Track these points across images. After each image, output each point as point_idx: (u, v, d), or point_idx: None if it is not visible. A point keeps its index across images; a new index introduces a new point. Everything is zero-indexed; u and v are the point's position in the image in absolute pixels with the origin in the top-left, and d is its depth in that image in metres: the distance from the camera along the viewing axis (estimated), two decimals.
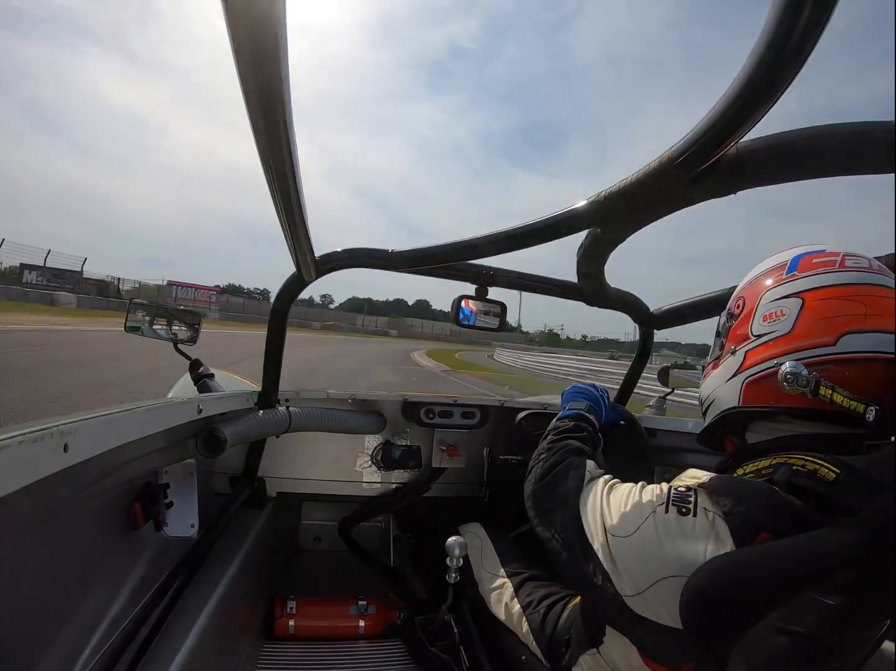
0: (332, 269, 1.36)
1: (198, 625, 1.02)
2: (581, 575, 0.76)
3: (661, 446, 1.85)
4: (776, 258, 0.86)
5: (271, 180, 0.74)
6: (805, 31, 0.44)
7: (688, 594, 0.63)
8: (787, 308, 0.78)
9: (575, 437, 1.02)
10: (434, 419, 2.01)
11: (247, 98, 0.55)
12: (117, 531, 1.02)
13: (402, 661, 1.62)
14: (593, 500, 0.79)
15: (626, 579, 0.70)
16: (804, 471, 0.66)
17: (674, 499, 0.70)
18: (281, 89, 0.53)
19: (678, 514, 0.68)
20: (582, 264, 1.25)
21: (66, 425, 0.58)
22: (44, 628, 0.78)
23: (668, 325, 1.77)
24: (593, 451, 1.01)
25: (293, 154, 0.68)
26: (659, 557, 0.67)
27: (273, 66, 0.50)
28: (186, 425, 1.05)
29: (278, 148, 0.65)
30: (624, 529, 0.72)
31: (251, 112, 0.57)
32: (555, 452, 0.96)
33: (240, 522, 1.58)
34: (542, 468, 0.94)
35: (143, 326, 1.70)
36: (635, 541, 0.70)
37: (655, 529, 0.68)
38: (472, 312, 1.56)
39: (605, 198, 0.88)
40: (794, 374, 0.72)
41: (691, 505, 0.68)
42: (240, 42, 0.47)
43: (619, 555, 0.71)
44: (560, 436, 1.03)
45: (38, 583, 0.77)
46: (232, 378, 2.61)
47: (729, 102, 0.57)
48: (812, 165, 0.71)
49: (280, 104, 0.56)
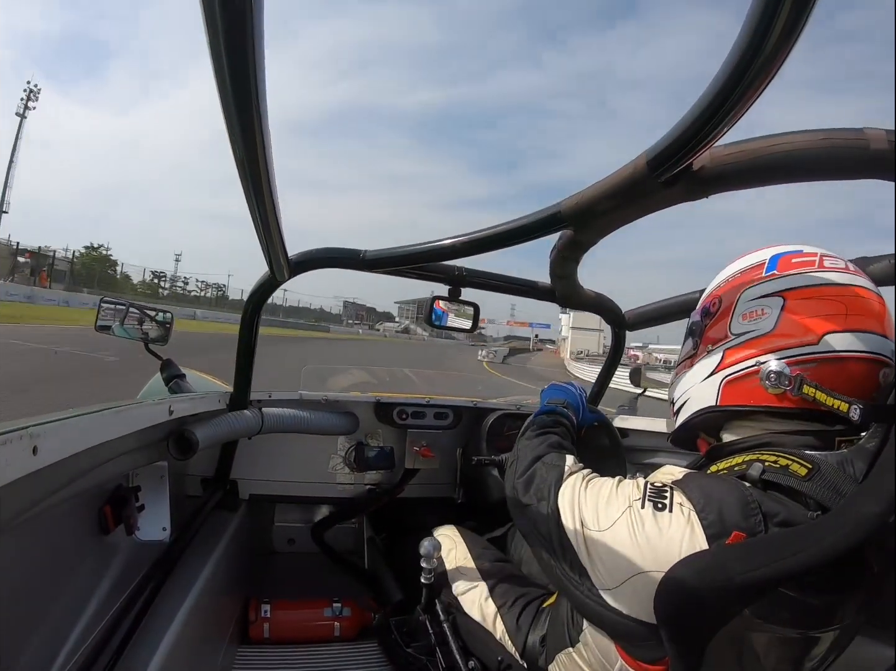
0: (305, 269, 1.35)
1: (171, 630, 1.00)
2: (560, 569, 0.77)
3: (633, 446, 1.89)
4: (752, 257, 0.86)
5: (245, 180, 0.74)
6: (779, 39, 0.46)
7: (662, 590, 0.64)
8: (767, 307, 0.78)
9: (553, 432, 1.02)
10: (407, 420, 2.01)
11: (222, 97, 0.55)
12: (88, 535, 1.00)
13: (378, 663, 1.62)
14: (571, 495, 0.79)
15: (602, 573, 0.70)
16: (776, 467, 0.68)
17: (650, 494, 0.71)
18: (256, 89, 0.54)
19: (654, 510, 0.68)
20: (555, 265, 1.26)
21: (35, 427, 0.57)
22: (14, 635, 0.76)
23: (640, 326, 1.80)
24: (572, 446, 1.01)
25: (267, 154, 0.68)
26: (635, 552, 0.67)
27: (248, 66, 0.50)
28: (158, 427, 1.04)
29: (252, 147, 0.65)
30: (600, 524, 0.72)
31: (226, 111, 0.57)
32: (534, 447, 0.96)
33: (212, 525, 1.56)
34: (521, 463, 0.93)
35: (114, 325, 1.66)
36: (611, 535, 0.70)
37: (632, 524, 0.69)
38: (445, 313, 1.57)
39: (578, 199, 0.89)
40: (778, 373, 0.73)
41: (667, 500, 0.69)
42: (216, 42, 0.47)
43: (595, 549, 0.72)
44: (539, 430, 1.02)
45: (8, 590, 0.75)
46: (204, 379, 2.57)
47: (702, 108, 0.58)
48: (784, 171, 0.73)
49: (255, 104, 0.56)
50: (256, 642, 1.65)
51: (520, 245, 1.07)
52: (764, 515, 0.64)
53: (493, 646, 1.17)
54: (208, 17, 0.44)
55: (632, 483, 0.76)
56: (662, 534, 0.66)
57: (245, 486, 1.89)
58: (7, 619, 0.75)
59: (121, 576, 1.07)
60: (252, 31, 0.45)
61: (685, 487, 0.70)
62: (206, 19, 0.44)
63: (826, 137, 0.67)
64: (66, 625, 0.90)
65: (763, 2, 0.44)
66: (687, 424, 0.90)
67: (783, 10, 0.43)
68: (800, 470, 0.66)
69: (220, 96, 0.55)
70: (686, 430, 0.92)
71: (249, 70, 0.50)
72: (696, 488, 0.69)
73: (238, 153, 0.66)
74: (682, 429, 0.93)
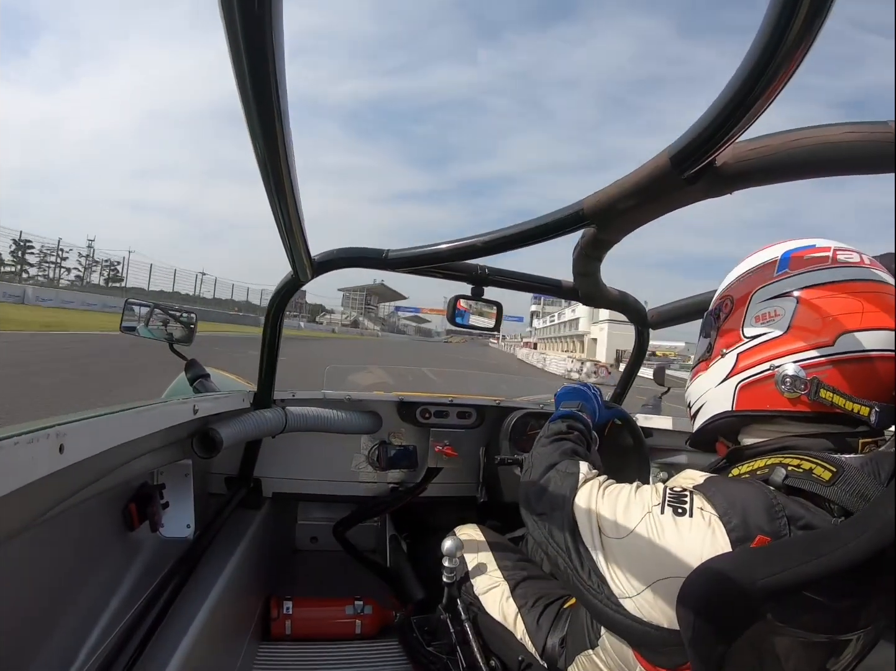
0: (328, 269, 1.36)
1: (194, 625, 1.02)
2: (577, 578, 0.75)
3: (657, 446, 1.86)
4: (763, 254, 0.83)
5: (268, 182, 0.74)
6: (801, 30, 0.44)
7: (684, 595, 0.62)
8: (780, 308, 0.76)
9: (567, 439, 1.00)
10: (430, 419, 2.01)
11: (244, 101, 0.55)
12: (113, 532, 1.02)
13: (399, 661, 1.62)
14: (588, 503, 0.78)
15: (621, 581, 0.69)
16: (799, 471, 0.66)
17: (670, 499, 0.69)
18: (277, 91, 0.53)
19: (674, 515, 0.67)
20: (578, 264, 1.25)
21: (61, 426, 0.58)
22: (40, 629, 0.78)
23: (663, 325, 1.78)
24: (587, 452, 1.00)
25: (289, 156, 0.68)
26: (655, 559, 0.66)
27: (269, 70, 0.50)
28: (182, 426, 1.05)
29: (275, 150, 0.65)
30: (619, 531, 0.71)
31: (248, 115, 0.57)
32: (547, 455, 0.95)
33: (236, 523, 1.58)
34: (535, 472, 0.93)
35: (139, 326, 1.69)
36: (631, 542, 0.69)
37: (651, 530, 0.68)
38: (467, 312, 1.56)
39: (600, 197, 0.88)
40: (793, 378, 0.71)
41: (687, 505, 0.67)
42: (237, 49, 0.47)
43: (614, 557, 0.71)
44: (552, 438, 1.02)
45: (34, 585, 0.77)
46: (228, 378, 2.60)
47: (724, 102, 0.57)
48: (807, 166, 0.71)
49: (276, 106, 0.56)
50: (278, 639, 1.66)
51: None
52: (788, 519, 0.62)
53: (514, 645, 1.17)
54: (228, 22, 0.44)
55: (650, 488, 0.74)
56: (683, 540, 0.65)
57: (268, 485, 1.91)
58: (34, 612, 0.77)
59: (145, 572, 1.09)
60: (272, 34, 0.45)
61: (707, 491, 0.68)
62: (226, 23, 0.44)
63: (851, 131, 0.65)
64: (91, 618, 0.92)
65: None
66: (704, 429, 0.88)
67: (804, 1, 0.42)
68: (823, 474, 0.64)
69: (241, 98, 0.55)
70: (704, 434, 0.90)
71: (269, 71, 0.50)
72: (718, 492, 0.67)
73: (260, 153, 0.66)
74: (700, 433, 0.90)
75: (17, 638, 0.73)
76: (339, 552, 2.11)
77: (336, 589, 1.93)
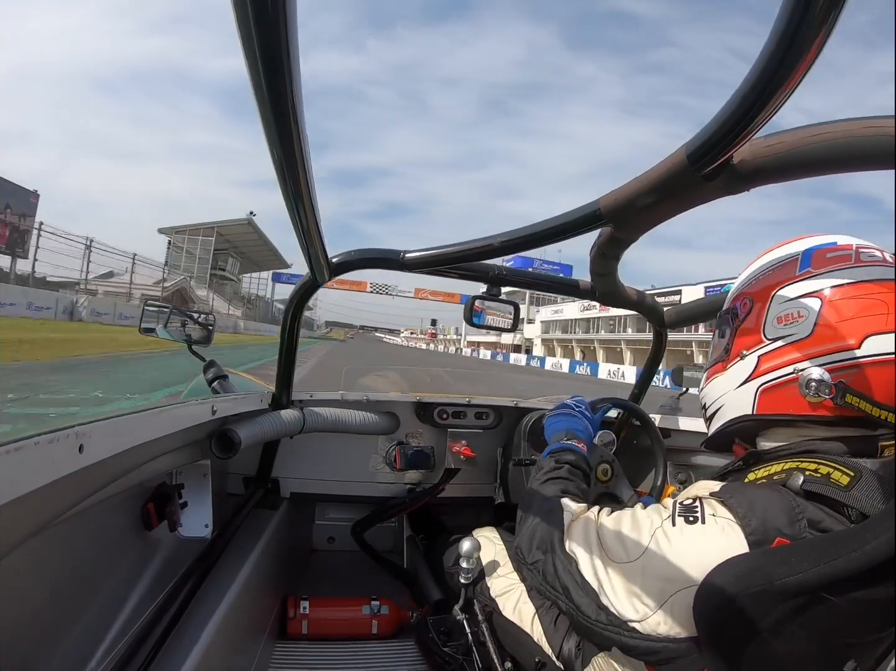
0: (346, 270, 1.37)
1: (211, 624, 1.03)
2: (581, 616, 0.74)
3: (675, 446, 1.84)
4: (783, 251, 0.82)
5: (284, 184, 0.74)
6: (819, 21, 0.43)
7: (702, 596, 0.62)
8: (804, 309, 0.74)
9: (557, 477, 0.99)
10: (447, 420, 2.01)
11: (259, 102, 0.55)
12: (131, 531, 1.03)
13: (415, 661, 1.62)
14: (584, 537, 0.77)
15: (635, 604, 0.68)
16: (817, 475, 0.65)
17: (680, 511, 0.69)
18: (293, 96, 0.53)
19: (685, 524, 0.67)
20: (595, 263, 1.24)
21: (81, 426, 0.59)
22: (58, 626, 0.79)
23: (680, 325, 1.76)
24: (581, 483, 0.99)
25: (306, 157, 0.68)
26: (669, 572, 0.66)
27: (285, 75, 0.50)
28: (201, 426, 1.06)
29: (291, 153, 0.65)
30: (630, 553, 0.70)
31: (263, 116, 0.58)
32: (532, 503, 0.94)
33: (253, 523, 1.59)
34: (523, 522, 0.92)
35: (158, 328, 1.71)
36: (644, 561, 0.69)
37: (664, 544, 0.67)
38: (483, 312, 1.56)
39: (617, 196, 0.87)
40: (819, 382, 0.69)
41: (699, 513, 0.67)
42: (251, 50, 0.47)
43: (625, 582, 0.70)
44: (542, 480, 1.00)
45: (53, 583, 0.78)
46: (246, 379, 2.63)
47: (742, 97, 0.56)
48: (826, 162, 0.69)
49: (292, 106, 0.56)
50: (294, 638, 1.67)
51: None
52: (808, 522, 0.62)
53: (531, 647, 1.17)
54: (241, 23, 0.44)
55: (655, 507, 0.74)
56: (697, 547, 0.65)
57: (286, 485, 1.92)
58: (51, 611, 0.78)
59: (162, 571, 1.10)
60: (286, 33, 0.45)
61: (725, 496, 0.68)
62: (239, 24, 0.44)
63: (870, 126, 0.64)
64: (109, 617, 0.93)
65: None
66: (722, 432, 0.87)
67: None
68: (841, 478, 0.63)
69: (257, 98, 0.55)
70: (721, 437, 0.88)
71: (285, 71, 0.50)
72: (737, 495, 0.67)
73: (276, 155, 0.67)
74: (717, 436, 0.89)
75: (36, 634, 0.74)
76: (356, 552, 2.12)
77: (353, 589, 1.94)
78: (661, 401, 2.07)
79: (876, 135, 0.64)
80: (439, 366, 15.57)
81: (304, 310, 1.58)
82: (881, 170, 0.69)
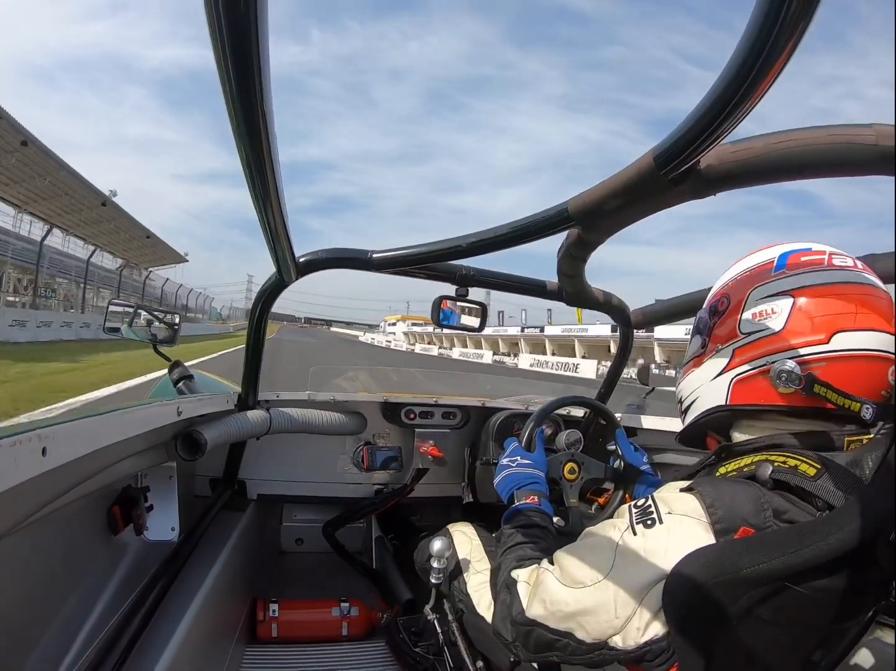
0: (313, 270, 1.36)
1: (180, 629, 1.01)
2: (572, 656, 0.76)
3: (643, 445, 1.88)
4: (759, 256, 0.86)
5: (252, 181, 0.74)
6: (788, 32, 0.45)
7: (670, 587, 0.64)
8: (777, 306, 0.78)
9: (509, 546, 1.00)
10: (415, 420, 2.02)
11: (228, 100, 0.55)
12: (97, 536, 1.01)
13: (386, 662, 1.62)
14: (544, 592, 0.79)
15: (611, 624, 0.70)
16: (785, 467, 0.68)
17: (636, 518, 0.72)
18: (261, 90, 0.54)
19: (645, 528, 0.70)
20: (563, 264, 1.26)
21: (43, 429, 0.57)
22: (25, 633, 0.77)
23: (647, 325, 1.80)
24: (540, 531, 1.02)
25: (274, 159, 0.68)
26: (640, 579, 0.68)
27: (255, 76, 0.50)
28: (166, 428, 1.04)
29: (259, 153, 0.65)
30: (594, 576, 0.73)
31: (232, 114, 0.57)
32: (496, 582, 0.96)
33: (221, 525, 1.57)
34: (493, 601, 0.96)
35: (123, 327, 1.66)
36: (612, 581, 0.71)
37: (630, 555, 0.70)
38: (452, 312, 1.57)
39: (585, 198, 0.89)
40: (788, 372, 0.73)
41: (654, 514, 0.70)
42: (220, 46, 0.47)
43: (595, 604, 0.72)
44: (502, 551, 1.01)
45: (18, 589, 0.76)
46: (212, 379, 2.58)
47: (709, 104, 0.57)
48: (791, 168, 0.72)
49: (261, 109, 0.56)
50: (264, 642, 1.66)
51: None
52: (773, 512, 0.64)
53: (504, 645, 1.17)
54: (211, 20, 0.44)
55: (609, 523, 0.77)
56: (663, 547, 0.67)
57: (253, 486, 1.90)
58: (18, 618, 0.76)
59: (130, 575, 1.08)
60: (256, 33, 0.45)
61: (695, 486, 0.70)
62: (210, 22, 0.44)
63: (833, 134, 0.67)
64: (76, 623, 0.91)
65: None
66: (696, 423, 0.90)
67: (791, 2, 0.43)
68: (808, 470, 0.66)
69: (226, 98, 0.55)
70: (695, 429, 0.92)
71: (254, 72, 0.50)
72: (706, 486, 0.69)
73: (244, 154, 0.66)
74: (692, 428, 0.92)
75: (2, 642, 0.72)
76: (325, 553, 2.11)
77: (322, 590, 1.93)
78: (629, 400, 2.12)
79: (840, 143, 0.67)
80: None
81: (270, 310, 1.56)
82: (844, 176, 0.73)
